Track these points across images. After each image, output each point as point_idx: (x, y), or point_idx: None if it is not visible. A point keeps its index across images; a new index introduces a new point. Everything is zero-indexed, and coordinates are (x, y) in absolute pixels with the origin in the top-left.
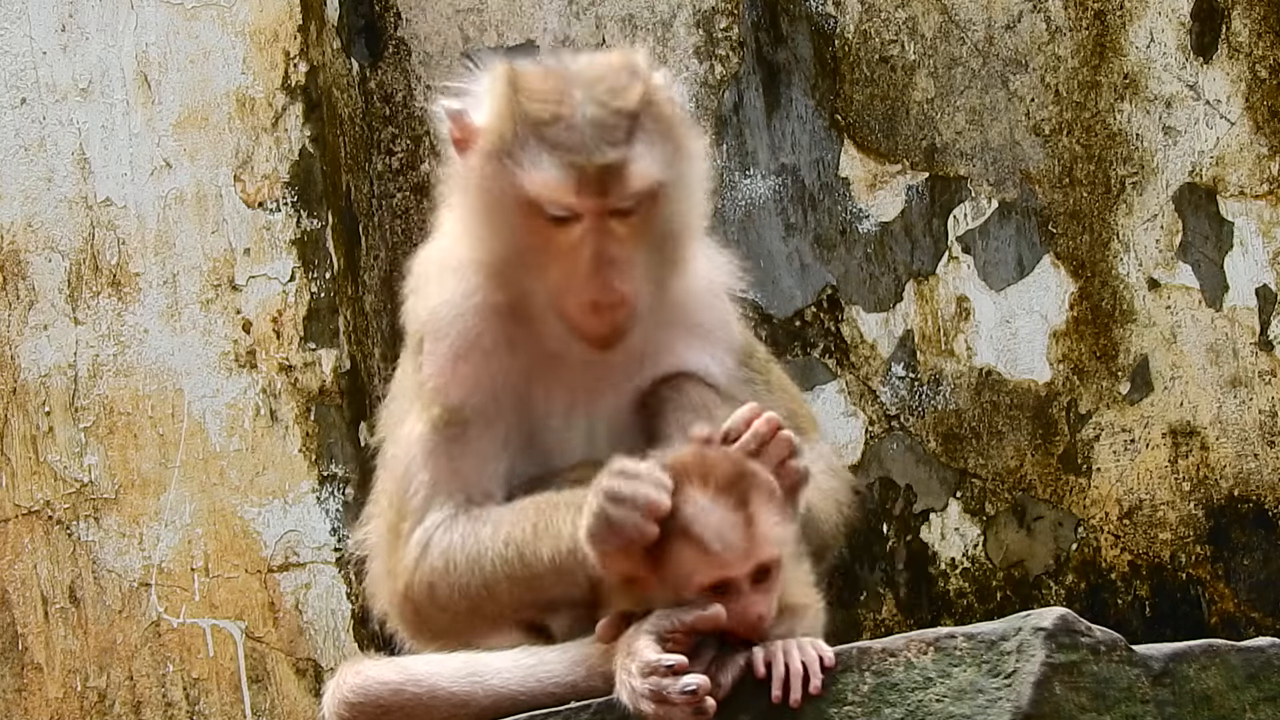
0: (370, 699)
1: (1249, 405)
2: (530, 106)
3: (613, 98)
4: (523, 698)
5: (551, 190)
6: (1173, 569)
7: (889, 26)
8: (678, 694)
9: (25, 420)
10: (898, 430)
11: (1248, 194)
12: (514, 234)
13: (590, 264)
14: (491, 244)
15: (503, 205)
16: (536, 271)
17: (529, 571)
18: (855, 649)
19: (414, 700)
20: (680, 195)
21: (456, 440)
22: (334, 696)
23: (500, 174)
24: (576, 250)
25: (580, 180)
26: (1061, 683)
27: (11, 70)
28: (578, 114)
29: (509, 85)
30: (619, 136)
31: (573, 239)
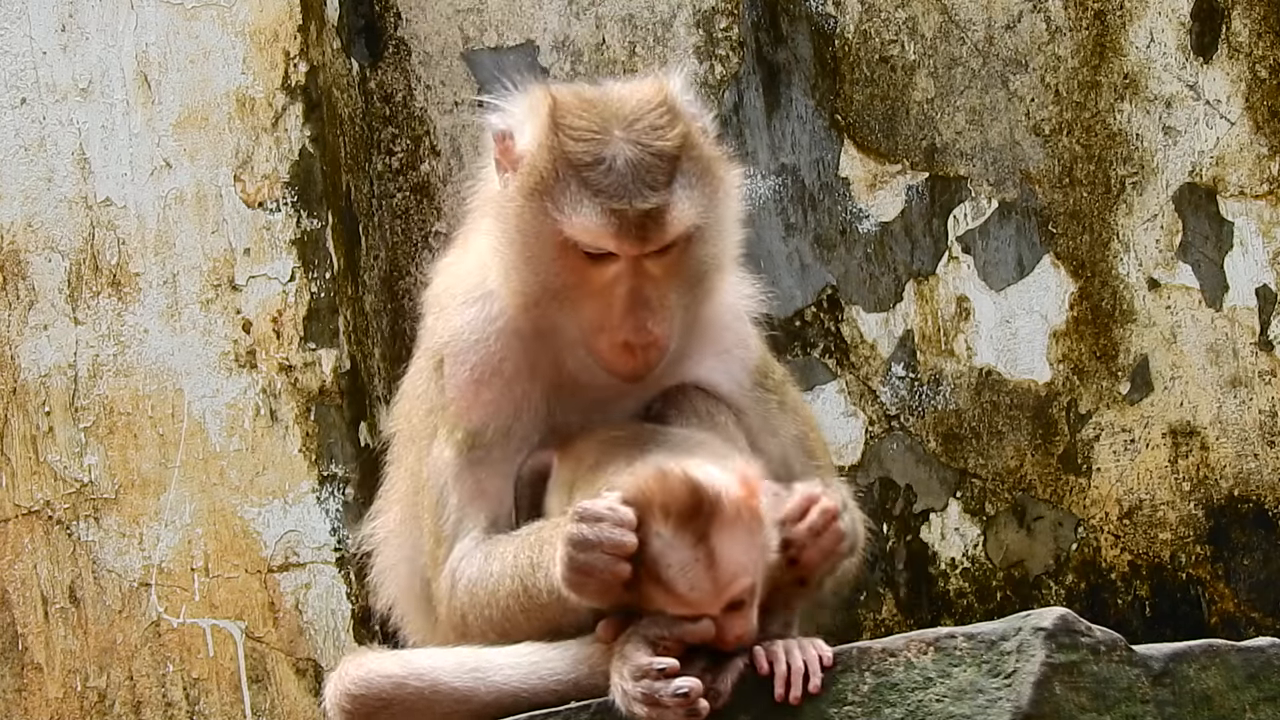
0: (372, 691)
1: (1249, 405)
2: (571, 146)
3: (653, 138)
4: (525, 694)
5: (591, 235)
6: (1173, 569)
7: (889, 26)
8: (669, 696)
9: (25, 420)
10: (898, 430)
11: (1248, 194)
12: (549, 269)
13: (625, 304)
14: (524, 275)
15: (540, 241)
16: (569, 306)
17: (535, 604)
18: (855, 649)
19: (415, 694)
20: (716, 235)
21: (481, 462)
22: (336, 688)
23: (540, 212)
24: (611, 289)
25: (620, 226)
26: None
27: (11, 70)
28: (619, 157)
29: (550, 118)
30: (659, 181)
31: (607, 278)
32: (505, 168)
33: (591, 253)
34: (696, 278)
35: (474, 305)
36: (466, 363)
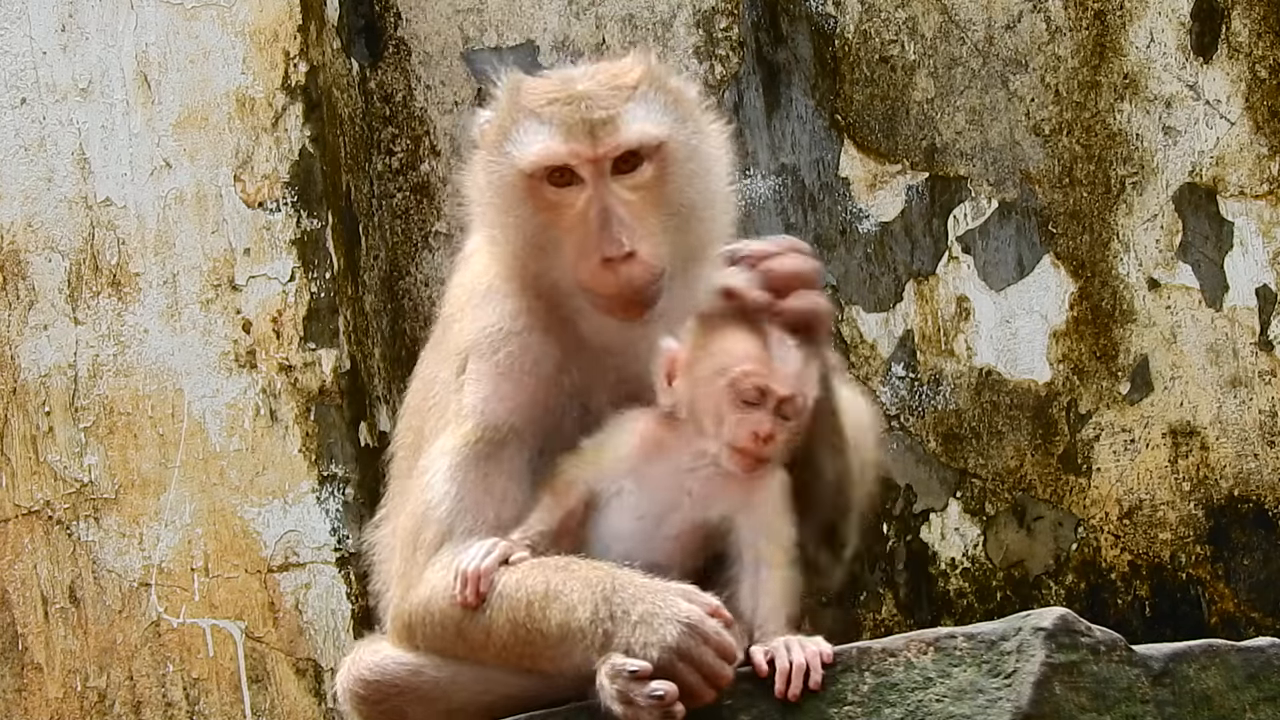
0: (387, 678)
1: (1249, 405)
2: (528, 99)
3: (612, 79)
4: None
5: (542, 150)
6: (1173, 569)
7: (889, 26)
8: (644, 697)
9: (25, 420)
10: (898, 430)
11: (1248, 194)
12: (524, 216)
13: (595, 221)
14: (509, 239)
15: (509, 188)
16: (554, 251)
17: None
18: (855, 649)
19: (430, 681)
20: (693, 162)
21: (490, 458)
22: (349, 674)
23: (501, 162)
24: (584, 215)
25: (568, 132)
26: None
27: (11, 70)
28: (572, 90)
29: (513, 87)
30: (613, 100)
31: (579, 206)
32: None
33: (556, 183)
34: (680, 208)
35: (490, 303)
36: (492, 356)
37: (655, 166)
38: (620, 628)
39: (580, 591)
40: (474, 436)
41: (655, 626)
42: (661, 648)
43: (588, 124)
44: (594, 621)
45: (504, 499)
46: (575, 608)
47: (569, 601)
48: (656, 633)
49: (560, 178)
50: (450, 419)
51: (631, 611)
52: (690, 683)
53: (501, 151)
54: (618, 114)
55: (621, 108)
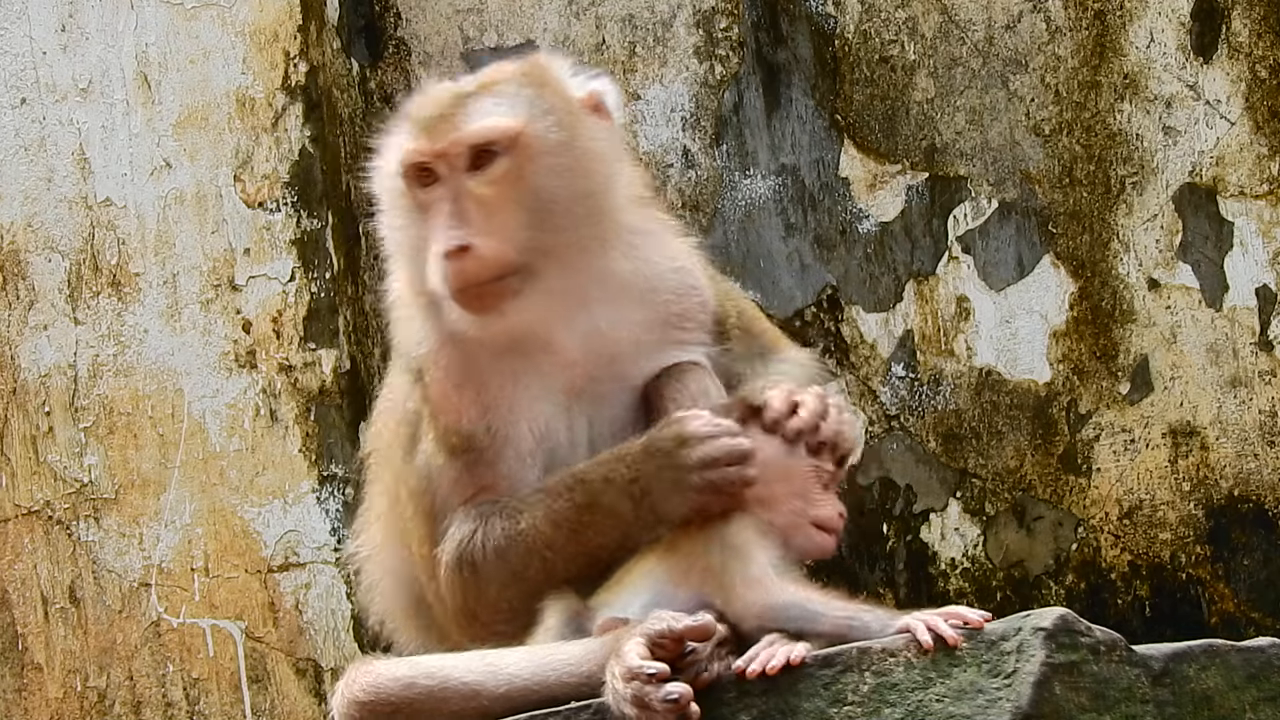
0: (381, 697)
1: (1249, 405)
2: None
3: (483, 78)
4: (535, 688)
5: (396, 148)
6: (1173, 569)
7: (889, 26)
8: (659, 701)
9: (25, 420)
10: (898, 430)
11: (1248, 194)
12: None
13: (440, 216)
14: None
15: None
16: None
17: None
18: (855, 649)
19: (425, 693)
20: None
21: (478, 463)
22: (344, 697)
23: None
24: (442, 205)
25: (419, 130)
26: (1061, 683)
27: (11, 70)
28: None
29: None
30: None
31: (437, 195)
32: None
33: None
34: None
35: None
36: (436, 372)
37: (512, 160)
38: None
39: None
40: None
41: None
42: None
43: (434, 120)
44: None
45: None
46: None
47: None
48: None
49: (425, 177)
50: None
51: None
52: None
53: (381, 160)
54: (467, 110)
55: (472, 104)
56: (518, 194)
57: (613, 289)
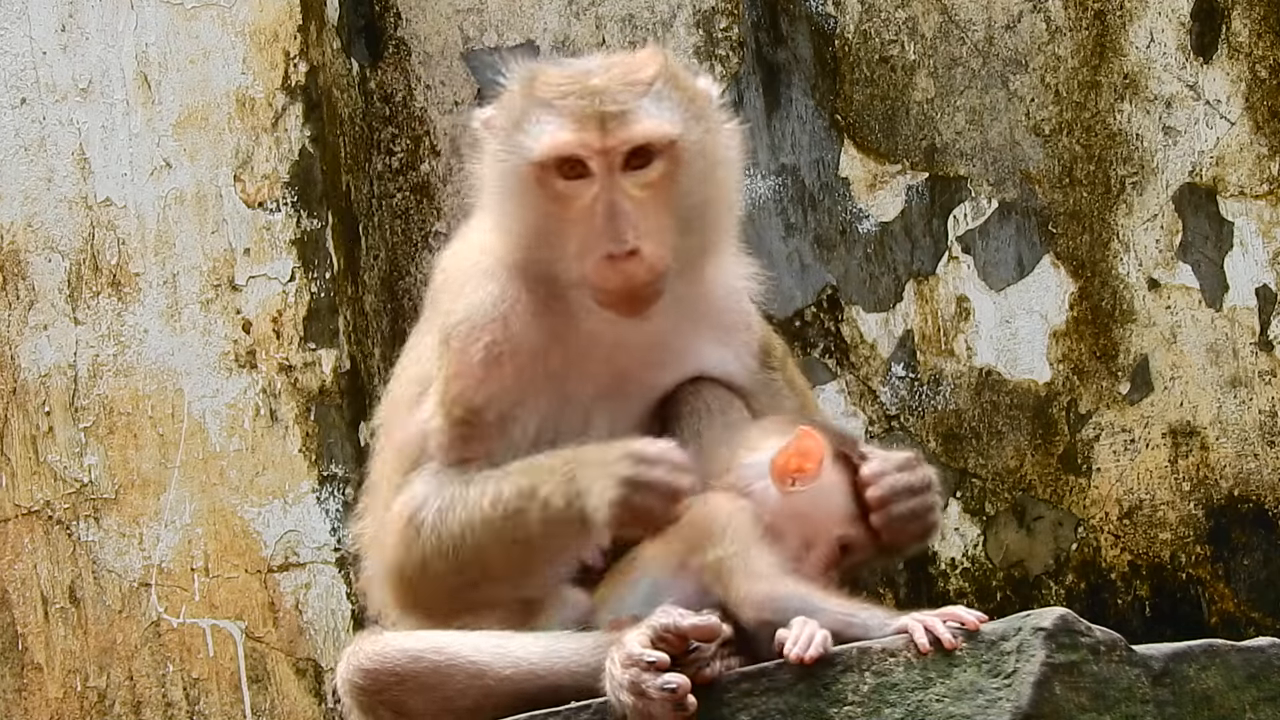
0: (387, 666)
1: (1249, 405)
2: (542, 89)
3: (627, 72)
4: (541, 673)
5: (552, 139)
6: (1173, 569)
7: (889, 26)
8: (656, 689)
9: (25, 420)
10: (898, 430)
11: (1248, 194)
12: (532, 206)
13: (602, 216)
14: (514, 226)
15: (519, 177)
16: (559, 243)
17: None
18: (855, 649)
19: (430, 668)
20: (704, 164)
21: (470, 440)
22: (349, 663)
23: (512, 148)
24: (591, 209)
25: (580, 124)
26: (1061, 683)
27: (11, 70)
28: (589, 84)
29: (528, 77)
30: (627, 95)
31: (586, 200)
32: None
33: (566, 175)
34: (688, 211)
35: (482, 284)
36: (478, 340)
37: (666, 164)
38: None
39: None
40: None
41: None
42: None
43: (600, 116)
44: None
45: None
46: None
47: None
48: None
49: (570, 170)
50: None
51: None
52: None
53: (513, 140)
54: (631, 109)
55: (635, 103)
56: (668, 198)
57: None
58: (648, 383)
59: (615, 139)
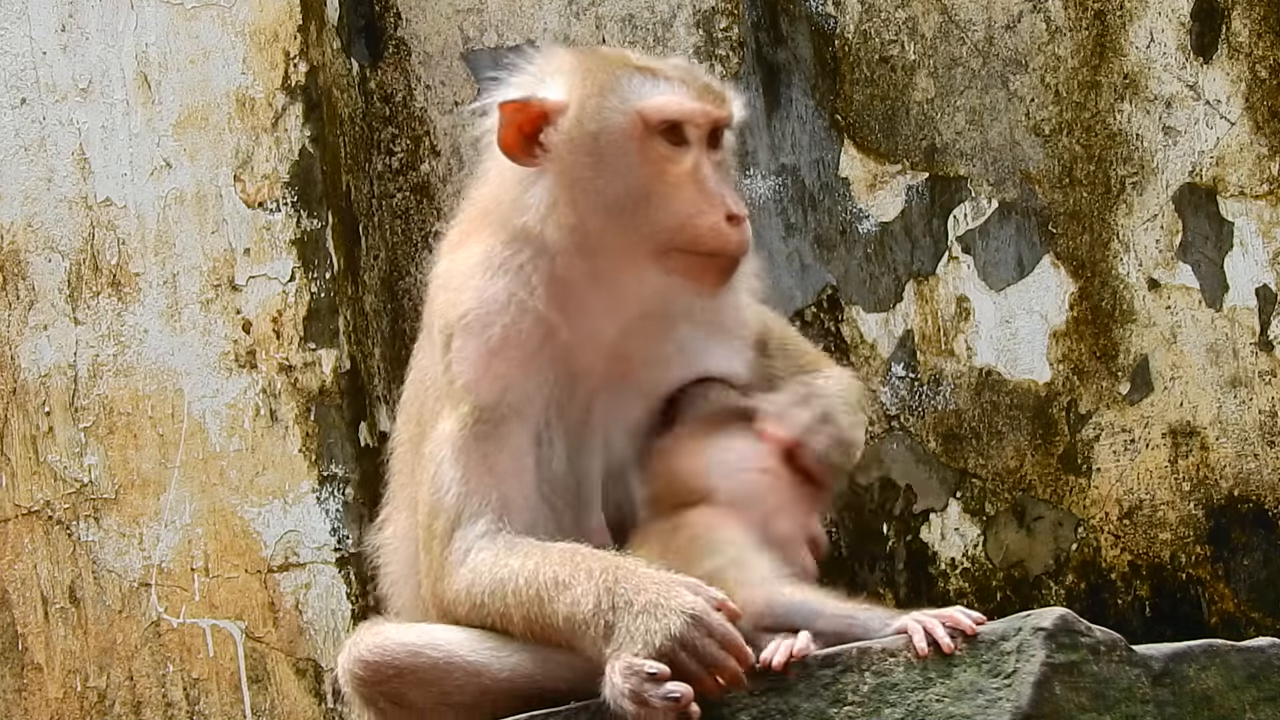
0: (386, 659)
1: (1249, 405)
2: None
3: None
4: (538, 677)
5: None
6: (1173, 569)
7: (889, 26)
8: (659, 698)
9: (25, 420)
10: (898, 430)
11: (1248, 194)
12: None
13: (714, 181)
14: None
15: (621, 137)
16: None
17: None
18: (855, 649)
19: (429, 664)
20: None
21: (489, 437)
22: (350, 654)
23: (614, 107)
24: (694, 174)
25: (699, 93)
26: (1061, 683)
27: (11, 70)
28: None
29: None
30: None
31: (687, 166)
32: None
33: (669, 138)
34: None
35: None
36: (484, 333)
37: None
38: (622, 617)
39: (584, 584)
40: (471, 418)
41: (659, 616)
42: (665, 636)
43: (708, 89)
44: (596, 612)
45: (507, 476)
46: (580, 600)
47: (574, 594)
48: (660, 621)
49: (676, 137)
50: (445, 401)
51: (635, 601)
52: (691, 671)
53: (612, 101)
54: (723, 89)
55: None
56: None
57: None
58: (649, 378)
59: (725, 111)
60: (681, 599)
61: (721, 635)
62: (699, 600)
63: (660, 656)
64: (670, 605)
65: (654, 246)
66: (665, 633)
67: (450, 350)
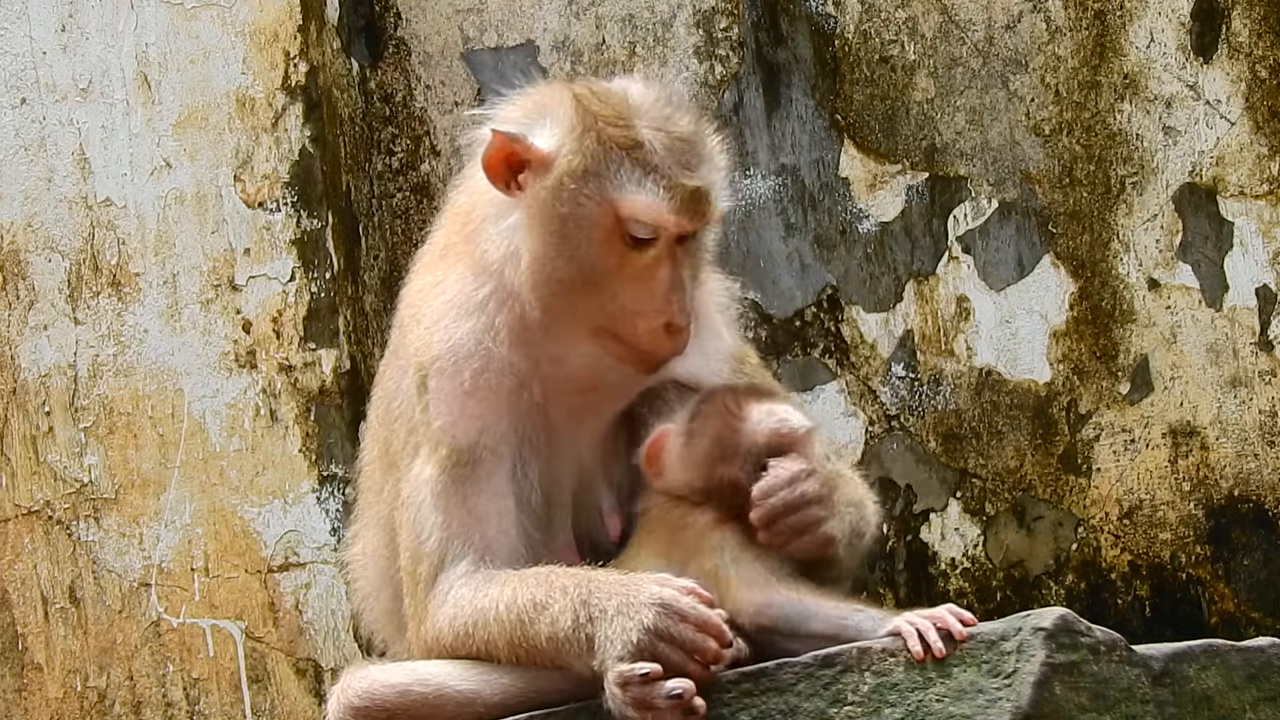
0: (376, 703)
1: (1249, 405)
2: (611, 131)
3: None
4: (532, 694)
5: (653, 212)
6: (1173, 569)
7: (889, 26)
8: (663, 699)
9: (25, 420)
10: (898, 430)
11: (1248, 194)
12: (591, 254)
13: (667, 286)
14: (559, 263)
15: (586, 225)
16: (604, 294)
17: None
18: (855, 649)
19: (419, 700)
20: None
21: (468, 480)
22: (339, 702)
23: (591, 196)
24: (651, 273)
25: (679, 202)
26: (1061, 683)
27: (11, 70)
28: (655, 141)
29: (579, 107)
30: (694, 161)
31: (647, 261)
32: (524, 167)
33: (638, 236)
34: (701, 265)
35: (472, 316)
36: (458, 376)
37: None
38: (600, 626)
39: (561, 601)
40: (450, 461)
41: (630, 614)
42: (640, 630)
43: (695, 196)
44: (576, 626)
45: (488, 517)
46: (558, 618)
47: (552, 613)
48: (633, 619)
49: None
50: (422, 441)
51: (608, 608)
52: (674, 660)
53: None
54: (713, 185)
55: (714, 177)
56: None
57: None
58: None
59: (702, 221)
60: (649, 592)
61: (695, 618)
62: (665, 590)
63: (641, 652)
64: (639, 601)
65: (592, 326)
66: (640, 628)
67: (427, 391)
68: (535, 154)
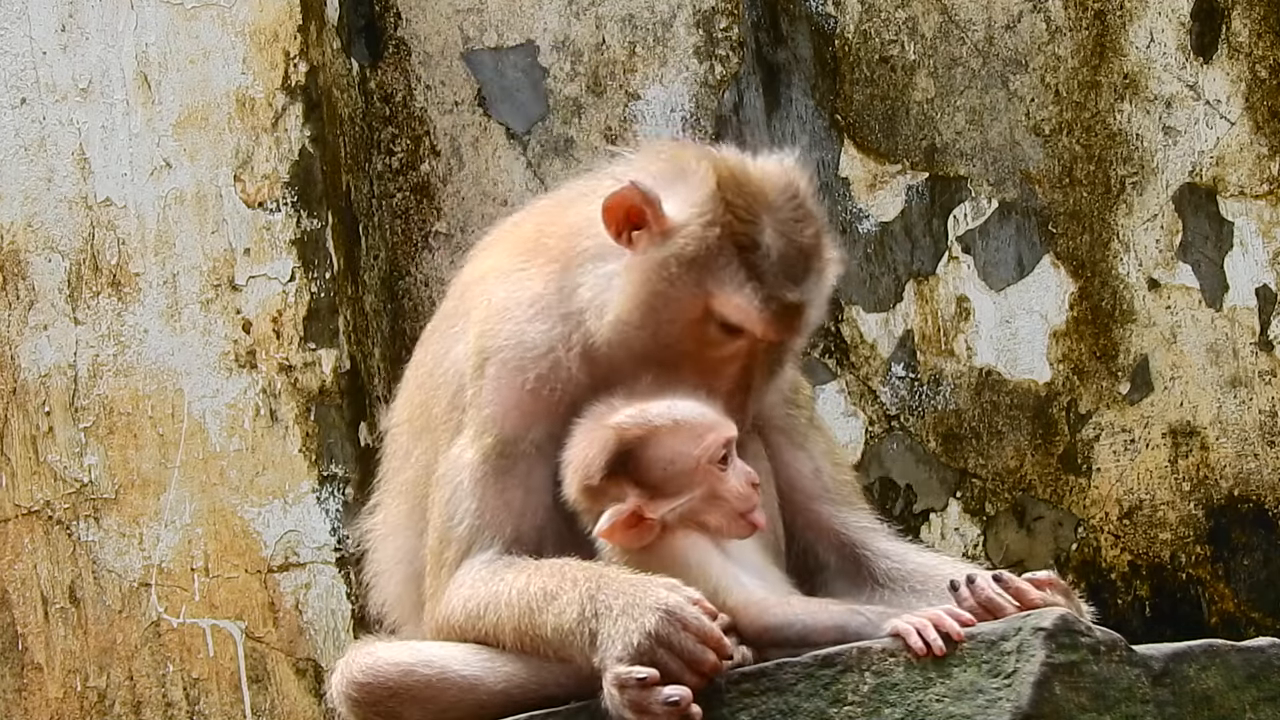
0: (379, 680)
1: (1249, 405)
2: (736, 226)
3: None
4: (533, 685)
5: (743, 315)
6: (1173, 569)
7: (889, 26)
8: (659, 705)
9: (25, 420)
10: (898, 430)
11: (1248, 194)
12: (676, 331)
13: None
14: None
15: (679, 306)
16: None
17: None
18: (855, 649)
19: (423, 681)
20: None
21: (508, 472)
22: (343, 676)
23: (693, 283)
24: (727, 362)
25: (772, 314)
26: (1061, 683)
27: (11, 70)
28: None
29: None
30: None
31: (727, 352)
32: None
33: (725, 330)
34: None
35: (549, 320)
36: (522, 373)
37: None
38: (604, 623)
39: (570, 592)
40: (494, 451)
41: (635, 615)
42: (642, 634)
43: (789, 310)
44: (581, 620)
45: (522, 513)
46: (565, 610)
47: (560, 604)
48: (636, 620)
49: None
50: (466, 422)
51: (614, 605)
52: (672, 669)
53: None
54: (807, 302)
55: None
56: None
57: None
58: None
59: (789, 334)
60: (656, 596)
61: (697, 628)
62: (673, 596)
63: (640, 656)
64: (646, 603)
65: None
66: (642, 631)
67: (483, 376)
68: (661, 223)
